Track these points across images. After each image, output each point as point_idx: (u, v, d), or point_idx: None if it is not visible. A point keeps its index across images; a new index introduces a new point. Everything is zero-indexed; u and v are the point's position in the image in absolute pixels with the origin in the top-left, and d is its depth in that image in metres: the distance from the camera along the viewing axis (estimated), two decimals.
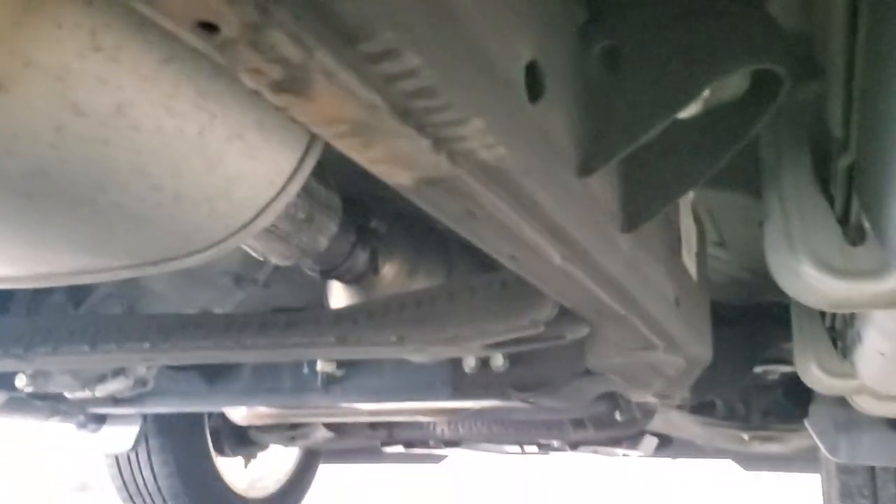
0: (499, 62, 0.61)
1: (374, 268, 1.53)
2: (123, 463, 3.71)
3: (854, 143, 0.96)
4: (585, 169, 0.76)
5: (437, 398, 2.04)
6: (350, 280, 1.54)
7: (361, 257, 1.49)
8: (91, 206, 0.67)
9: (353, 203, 1.43)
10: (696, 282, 1.49)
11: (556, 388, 1.88)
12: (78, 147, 0.60)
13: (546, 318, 1.19)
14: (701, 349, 1.57)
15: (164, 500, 3.74)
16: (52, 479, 7.94)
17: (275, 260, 1.34)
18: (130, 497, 3.79)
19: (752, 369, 2.58)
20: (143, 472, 3.70)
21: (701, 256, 1.56)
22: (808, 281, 1.07)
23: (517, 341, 1.29)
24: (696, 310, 1.49)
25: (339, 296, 1.60)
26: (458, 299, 1.25)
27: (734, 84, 0.85)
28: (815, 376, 1.87)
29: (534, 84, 0.67)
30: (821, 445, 2.52)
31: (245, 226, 0.78)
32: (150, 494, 3.74)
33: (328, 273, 1.49)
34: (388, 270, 1.56)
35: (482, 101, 0.57)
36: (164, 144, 0.64)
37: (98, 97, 0.58)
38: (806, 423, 2.57)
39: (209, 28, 0.44)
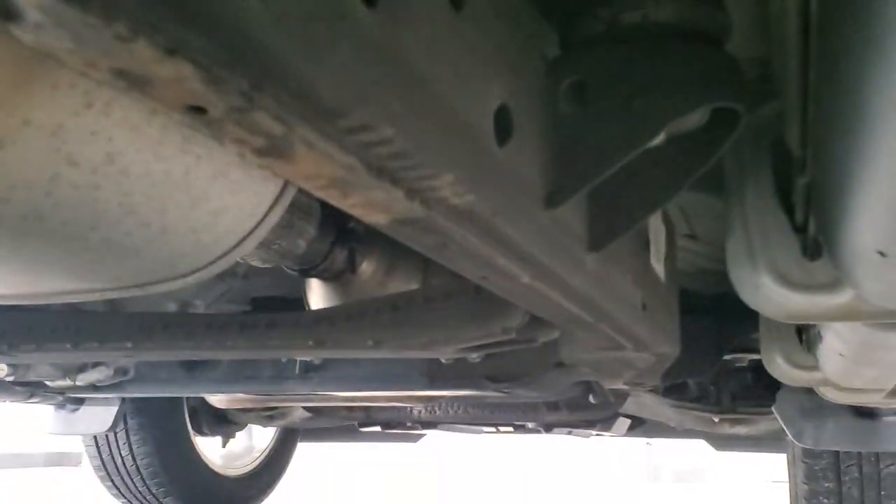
0: (469, 116, 0.64)
1: (352, 266, 1.56)
2: (102, 442, 3.74)
3: (810, 164, 1.00)
4: (553, 202, 0.80)
5: (413, 388, 2.08)
6: (329, 278, 1.57)
7: (340, 257, 1.52)
8: (82, 242, 0.70)
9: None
10: (665, 282, 1.53)
11: (530, 379, 1.92)
12: (71, 193, 0.64)
13: (518, 325, 1.23)
14: (668, 346, 1.62)
15: (142, 478, 3.78)
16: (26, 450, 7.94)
17: (254, 263, 1.38)
18: (109, 476, 3.82)
19: (722, 357, 2.64)
20: (122, 452, 3.73)
21: (670, 257, 1.60)
22: (767, 293, 1.11)
23: (490, 344, 1.34)
24: (663, 310, 1.54)
25: (317, 293, 1.63)
26: (433, 304, 1.29)
27: (695, 116, 0.89)
28: (781, 368, 1.92)
29: (502, 127, 0.71)
30: (787, 431, 2.59)
31: (227, 253, 0.82)
32: (128, 473, 3.77)
33: (307, 272, 1.53)
34: (366, 268, 1.59)
35: (452, 156, 0.61)
36: (151, 186, 0.68)
37: (90, 148, 0.62)
38: (773, 409, 2.63)
39: (197, 110, 0.47)
